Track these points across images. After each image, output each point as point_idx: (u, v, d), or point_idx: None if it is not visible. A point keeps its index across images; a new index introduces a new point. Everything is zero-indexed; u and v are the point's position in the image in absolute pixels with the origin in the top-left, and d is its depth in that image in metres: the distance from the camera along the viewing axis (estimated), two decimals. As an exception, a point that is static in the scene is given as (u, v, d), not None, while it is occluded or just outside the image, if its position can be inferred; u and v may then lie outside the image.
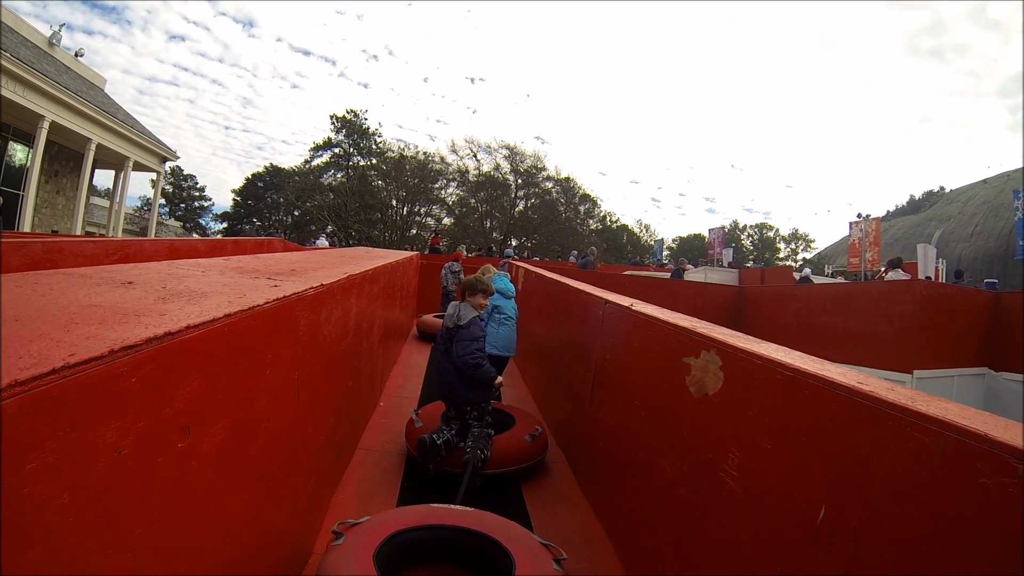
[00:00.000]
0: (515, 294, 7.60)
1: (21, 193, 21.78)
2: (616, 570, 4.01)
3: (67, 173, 25.66)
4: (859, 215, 30.93)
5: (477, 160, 51.96)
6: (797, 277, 25.64)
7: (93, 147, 24.28)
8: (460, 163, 51.91)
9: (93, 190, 30.53)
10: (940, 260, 26.03)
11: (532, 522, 4.58)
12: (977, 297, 12.30)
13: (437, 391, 5.43)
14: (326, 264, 5.35)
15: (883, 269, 21.31)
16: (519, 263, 14.17)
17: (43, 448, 1.29)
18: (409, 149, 52.63)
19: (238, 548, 2.54)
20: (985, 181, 55.58)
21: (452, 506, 4.14)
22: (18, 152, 23.05)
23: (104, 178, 31.67)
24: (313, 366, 3.62)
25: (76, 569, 1.42)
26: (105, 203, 31.43)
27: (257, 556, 2.81)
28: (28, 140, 22.08)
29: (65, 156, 25.23)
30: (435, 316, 12.17)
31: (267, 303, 2.69)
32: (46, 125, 21.22)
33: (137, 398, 1.65)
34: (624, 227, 67.61)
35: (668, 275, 23.70)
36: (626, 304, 4.64)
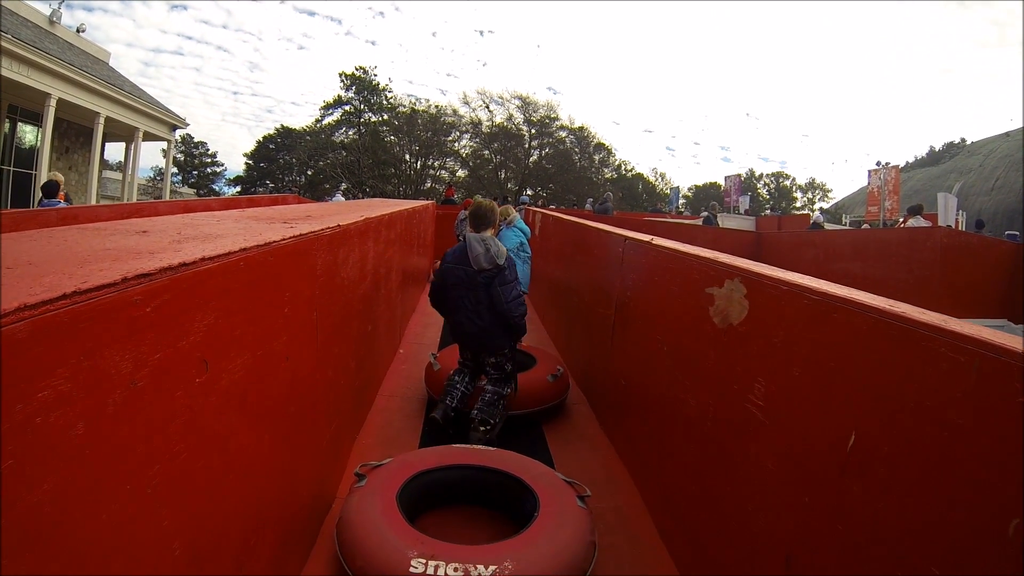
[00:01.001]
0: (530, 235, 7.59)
1: (34, 172, 21.77)
2: (639, 508, 4.01)
3: (78, 149, 25.45)
4: (878, 163, 30.43)
5: (490, 111, 51.46)
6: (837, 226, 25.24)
7: (102, 121, 24.12)
8: (473, 115, 51.43)
9: (105, 164, 30.42)
10: (960, 212, 25.61)
11: (554, 463, 4.59)
12: (999, 247, 12.03)
13: (457, 337, 5.06)
14: (342, 211, 5.30)
15: (902, 218, 20.99)
16: (535, 209, 14.05)
17: (55, 375, 1.25)
18: (420, 103, 52.28)
19: (260, 490, 2.54)
20: (1007, 134, 54.21)
21: (475, 446, 4.18)
22: (28, 133, 22.92)
23: (115, 151, 31.52)
24: (332, 308, 3.59)
25: (91, 505, 1.39)
26: (118, 176, 31.30)
27: (280, 499, 2.81)
28: (37, 120, 21.89)
29: (75, 132, 25.01)
30: None
31: (283, 240, 2.65)
32: (53, 103, 21.05)
33: (152, 329, 1.61)
34: (639, 176, 66.85)
35: (694, 224, 22.66)
36: (646, 240, 4.56)
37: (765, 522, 2.56)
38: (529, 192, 36.71)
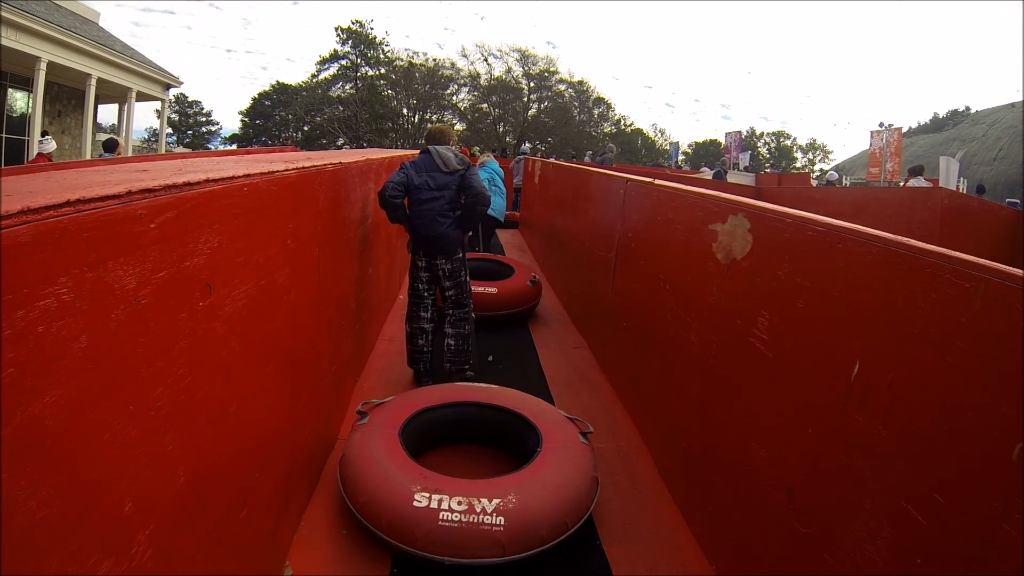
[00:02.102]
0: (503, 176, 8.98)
1: (26, 138, 21.26)
2: (639, 449, 4.06)
3: (70, 112, 24.90)
4: (881, 124, 30.13)
5: (488, 64, 50.73)
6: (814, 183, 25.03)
7: (94, 82, 23.48)
8: (471, 68, 50.79)
9: (99, 127, 29.88)
10: (961, 179, 25.35)
11: (555, 404, 4.58)
12: (1000, 213, 11.82)
13: (415, 242, 4.85)
14: (343, 156, 5.27)
15: (903, 180, 20.77)
16: (535, 159, 13.99)
17: (58, 283, 1.23)
18: (418, 57, 51.67)
19: (263, 424, 2.54)
20: (1013, 105, 53.46)
21: (477, 384, 4.20)
22: (19, 100, 22.42)
23: (109, 114, 30.82)
24: (334, 245, 3.58)
25: (94, 423, 1.38)
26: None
27: (283, 434, 2.82)
28: (27, 85, 21.38)
29: (66, 95, 24.44)
30: None
31: (287, 171, 2.63)
32: (43, 66, 20.53)
33: (156, 246, 1.59)
34: (639, 131, 66.15)
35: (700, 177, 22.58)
36: (648, 180, 4.53)
37: (767, 456, 2.57)
38: (528, 145, 36.37)
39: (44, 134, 20.03)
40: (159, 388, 1.64)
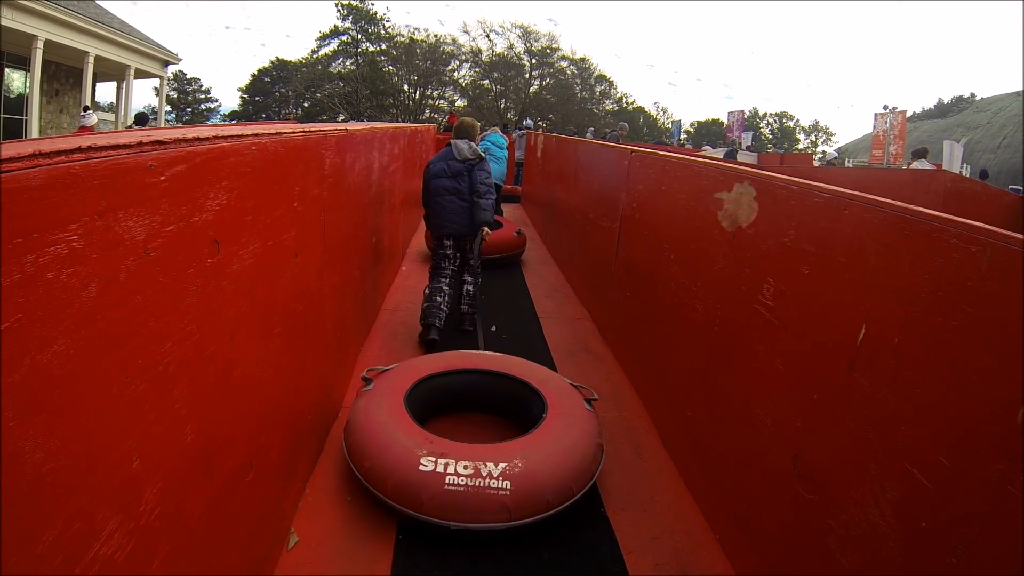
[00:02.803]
0: (505, 145, 9.43)
1: (24, 118, 21.13)
2: (643, 419, 4.10)
3: (68, 91, 24.74)
4: (885, 107, 29.85)
5: (490, 40, 50.35)
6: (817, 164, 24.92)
7: (91, 60, 23.23)
8: (473, 44, 50.39)
9: (96, 105, 29.60)
10: (964, 165, 25.22)
11: (559, 372, 4.60)
12: (1002, 198, 11.83)
13: (436, 226, 5.49)
14: (347, 125, 5.27)
15: (907, 164, 20.66)
16: (537, 133, 13.94)
17: (68, 230, 1.22)
18: (419, 33, 51.28)
19: (269, 387, 2.54)
20: (1018, 93, 52.87)
21: (482, 352, 4.29)
22: (16, 79, 22.22)
23: (107, 92, 30.42)
24: (339, 212, 3.58)
25: (102, 374, 1.36)
26: (110, 116, 30.13)
27: (288, 399, 2.83)
28: (24, 64, 21.13)
29: (64, 74, 24.25)
30: None
31: (293, 134, 2.62)
32: (40, 45, 20.29)
33: (165, 198, 1.58)
34: (640, 109, 65.85)
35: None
36: (652, 152, 4.53)
37: (772, 422, 2.58)
38: (530, 121, 36.30)
39: (86, 108, 20.18)
40: (167, 344, 1.63)
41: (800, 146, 69.45)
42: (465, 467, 2.88)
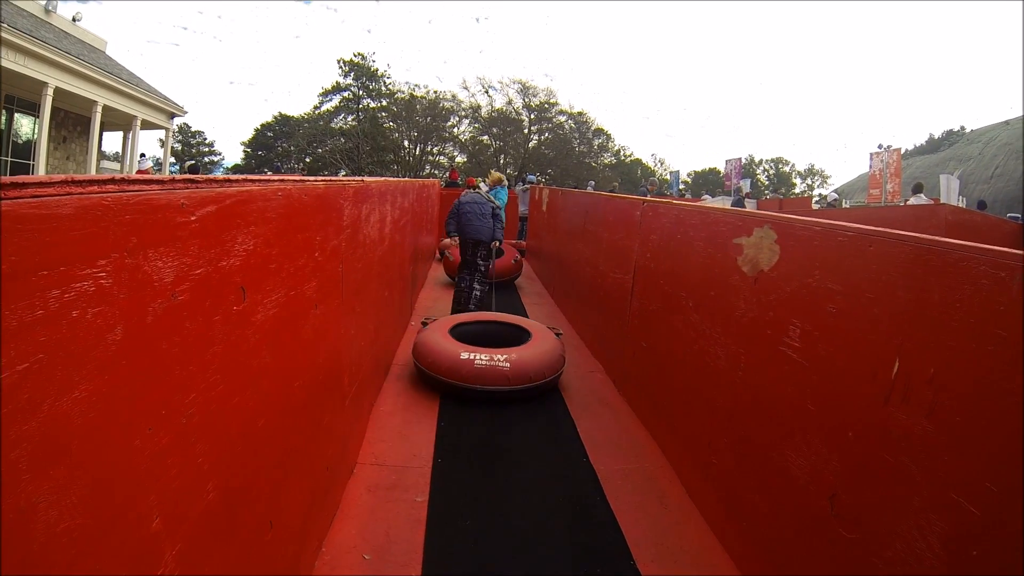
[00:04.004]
0: (507, 199, 11.87)
1: (31, 163, 21.36)
2: (665, 470, 4.02)
3: (75, 138, 24.94)
4: (880, 146, 30.11)
5: (489, 96, 51.17)
6: (815, 207, 25.09)
7: (99, 109, 23.59)
8: (472, 99, 51.19)
9: (103, 155, 29.89)
10: (960, 198, 25.46)
11: (577, 428, 4.66)
12: (1003, 227, 11.75)
13: (464, 236, 8.18)
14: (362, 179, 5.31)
15: (904, 200, 20.75)
16: (541, 186, 14.01)
17: (97, 265, 1.17)
18: (419, 89, 52.04)
19: (289, 441, 2.47)
20: (1007, 122, 53.55)
21: (496, 313, 7.07)
22: (24, 125, 22.47)
23: (113, 142, 30.86)
24: (355, 264, 3.55)
25: (125, 425, 1.29)
26: (116, 166, 30.48)
27: (306, 454, 2.75)
28: (33, 110, 21.51)
29: (72, 121, 24.55)
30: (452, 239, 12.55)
31: (315, 183, 2.62)
32: (50, 92, 20.69)
33: (195, 240, 1.55)
34: (638, 161, 66.54)
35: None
36: (666, 201, 4.53)
37: (806, 464, 2.51)
38: (531, 176, 36.43)
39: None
40: (192, 393, 1.57)
41: (797, 190, 69.86)
42: (485, 357, 5.13)
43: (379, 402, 4.82)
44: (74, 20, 25.69)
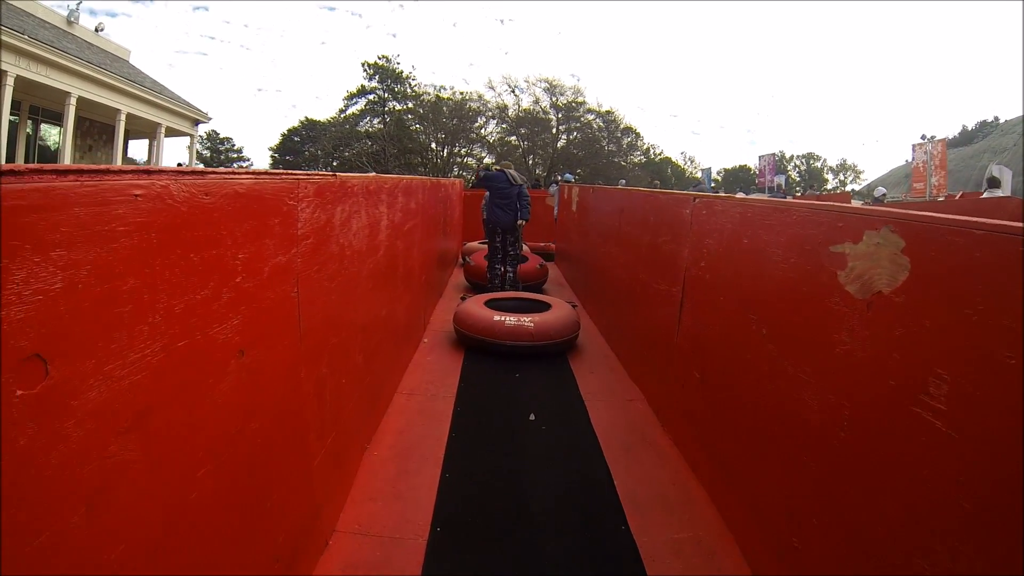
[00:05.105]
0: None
1: None
2: (723, 538, 3.17)
3: (101, 147, 25.23)
4: (923, 136, 29.01)
5: (515, 96, 50.47)
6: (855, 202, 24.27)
7: (123, 117, 23.88)
8: (498, 100, 50.48)
9: (130, 161, 30.30)
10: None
11: (612, 474, 3.80)
12: None
13: (492, 224, 9.09)
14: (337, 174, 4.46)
15: (957, 195, 19.84)
16: (571, 185, 13.14)
17: None
18: (445, 91, 51.49)
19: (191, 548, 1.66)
20: None
21: (520, 292, 8.13)
22: (52, 134, 22.86)
23: (139, 150, 31.40)
24: (325, 283, 2.70)
25: None
26: None
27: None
28: (58, 120, 21.79)
29: (97, 130, 24.87)
30: (479, 243, 12.05)
31: (238, 175, 1.81)
32: (73, 101, 20.89)
33: None
34: (668, 160, 65.83)
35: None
36: (726, 196, 3.66)
37: (951, 567, 1.70)
38: (568, 175, 35.43)
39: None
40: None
41: (829, 185, 69.03)
42: (513, 318, 6.14)
43: (373, 446, 3.96)
44: (97, 30, 26.35)
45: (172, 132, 28.43)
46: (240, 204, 1.84)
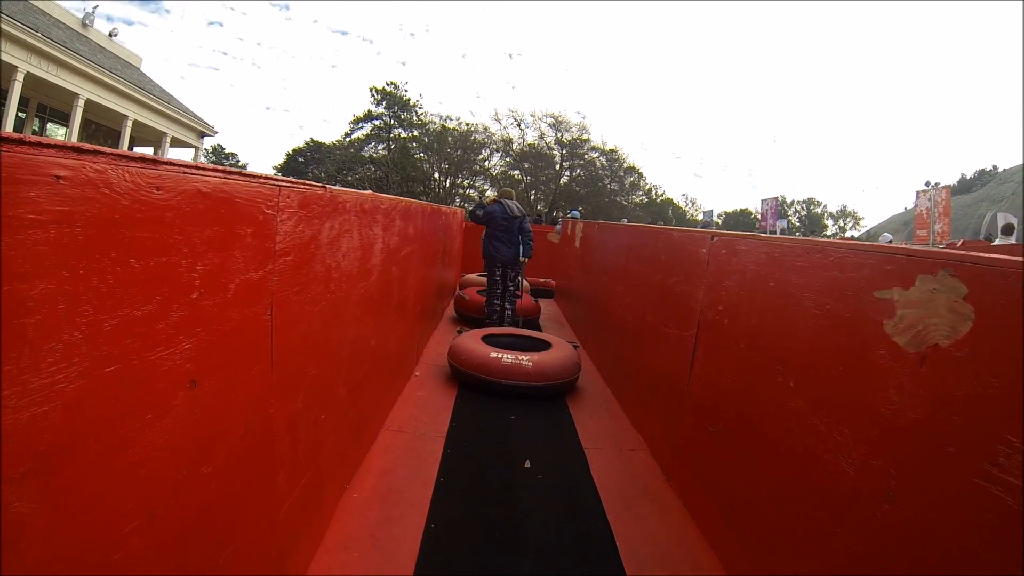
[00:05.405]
0: None
1: None
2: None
3: None
4: (927, 183, 28.97)
5: (521, 129, 50.50)
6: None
7: (129, 124, 23.94)
8: (504, 132, 50.57)
9: None
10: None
11: (613, 532, 3.44)
12: None
13: (492, 258, 8.48)
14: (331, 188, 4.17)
15: (958, 243, 19.74)
16: (574, 220, 12.85)
17: None
18: (451, 121, 51.60)
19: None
20: None
21: (520, 328, 7.76)
22: (58, 134, 22.62)
23: None
24: (304, 308, 2.41)
25: None
26: None
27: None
28: (66, 120, 21.85)
29: (103, 134, 24.79)
30: (478, 275, 11.64)
31: (201, 171, 1.52)
32: (81, 103, 20.92)
33: None
34: (669, 201, 66.01)
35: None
36: (749, 234, 3.38)
37: None
38: (574, 212, 35.03)
39: None
40: None
41: (829, 231, 69.41)
42: (511, 356, 5.81)
43: (353, 487, 3.62)
44: (111, 35, 26.67)
45: (177, 142, 28.58)
46: (203, 205, 1.55)
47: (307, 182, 2.32)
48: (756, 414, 2.97)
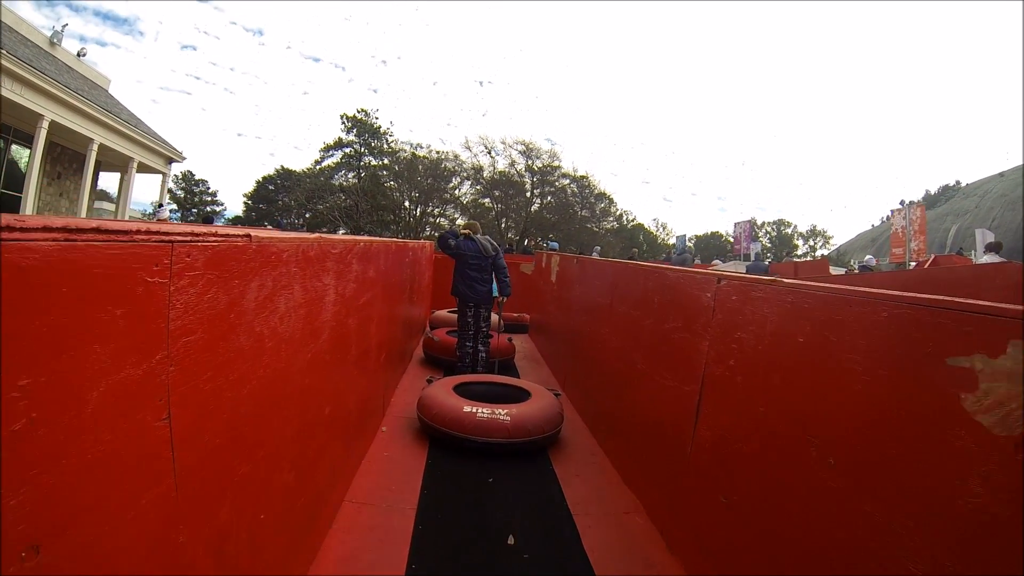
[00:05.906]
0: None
1: (21, 195, 20.96)
2: None
3: (70, 175, 24.62)
4: (902, 202, 29.15)
5: (491, 157, 50.32)
6: (842, 271, 24.11)
7: (95, 147, 23.22)
8: (474, 160, 50.35)
9: (104, 194, 29.60)
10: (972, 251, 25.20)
11: None
12: None
13: (463, 295, 7.85)
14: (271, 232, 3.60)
15: (928, 259, 19.79)
16: (549, 252, 12.28)
17: None
18: (421, 149, 51.40)
19: None
20: (1002, 174, 55.76)
21: (495, 375, 7.33)
22: (24, 156, 22.12)
23: (110, 183, 31.11)
24: (225, 394, 1.88)
25: None
26: (111, 207, 30.56)
27: None
28: (30, 142, 21.07)
29: (68, 158, 24.23)
30: (448, 311, 11.15)
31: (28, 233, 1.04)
32: (45, 124, 20.24)
33: None
34: (640, 226, 66.28)
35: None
36: (767, 280, 2.91)
37: None
38: (553, 243, 34.59)
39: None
40: None
41: (799, 252, 70.34)
42: (487, 410, 5.32)
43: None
44: (79, 55, 25.97)
45: (144, 168, 27.85)
46: (23, 285, 1.05)
47: (223, 229, 1.82)
48: (783, 492, 2.49)
